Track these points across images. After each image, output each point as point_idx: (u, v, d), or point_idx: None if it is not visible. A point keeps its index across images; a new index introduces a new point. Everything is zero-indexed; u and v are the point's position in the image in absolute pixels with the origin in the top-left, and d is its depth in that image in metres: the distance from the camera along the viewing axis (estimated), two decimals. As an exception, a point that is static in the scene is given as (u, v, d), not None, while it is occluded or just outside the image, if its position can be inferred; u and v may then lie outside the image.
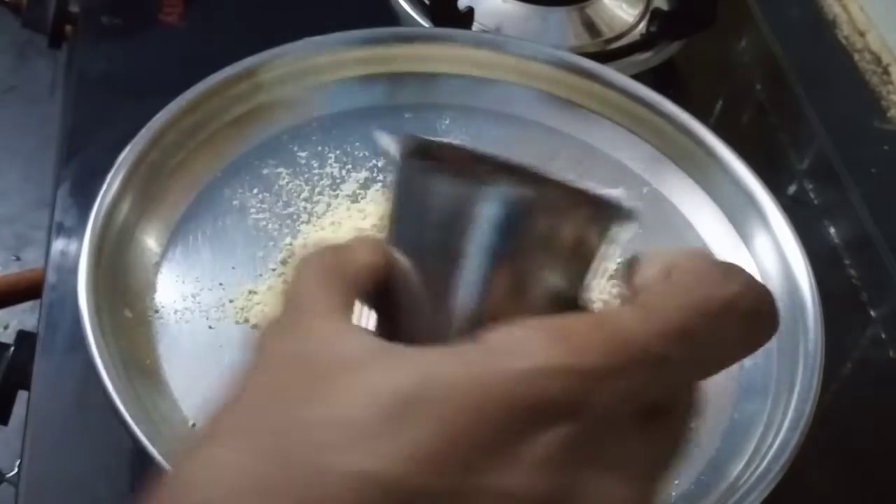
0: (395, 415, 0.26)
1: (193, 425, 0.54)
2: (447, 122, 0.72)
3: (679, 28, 0.85)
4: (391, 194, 0.34)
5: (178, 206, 0.64)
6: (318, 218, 0.65)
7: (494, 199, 0.31)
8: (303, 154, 0.69)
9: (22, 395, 0.65)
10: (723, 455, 0.56)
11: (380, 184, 0.68)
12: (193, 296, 0.60)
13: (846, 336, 0.72)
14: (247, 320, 0.59)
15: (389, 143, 0.33)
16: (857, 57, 0.93)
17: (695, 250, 0.31)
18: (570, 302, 0.32)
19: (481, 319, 0.30)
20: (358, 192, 0.67)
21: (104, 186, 0.60)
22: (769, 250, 0.64)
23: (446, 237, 0.31)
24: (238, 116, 0.68)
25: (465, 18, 0.81)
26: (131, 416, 0.51)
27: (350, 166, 0.69)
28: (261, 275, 0.62)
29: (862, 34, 0.94)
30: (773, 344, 0.60)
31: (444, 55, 0.73)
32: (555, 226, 0.32)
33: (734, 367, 0.60)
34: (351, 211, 0.66)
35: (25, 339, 0.67)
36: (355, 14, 0.80)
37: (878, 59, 0.92)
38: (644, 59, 0.84)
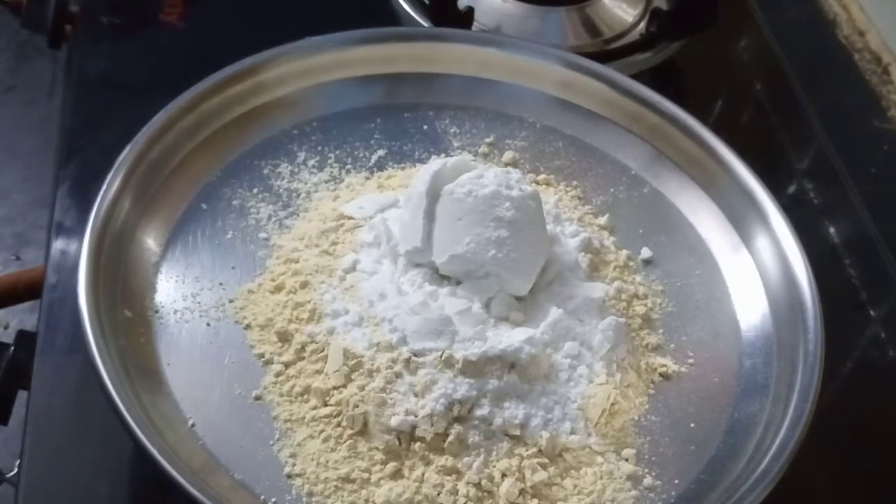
0: None
1: (193, 425, 0.54)
2: (446, 121, 0.72)
3: (679, 28, 0.85)
4: None
5: (178, 206, 0.64)
6: (319, 218, 0.65)
7: None
8: (303, 154, 0.69)
9: (22, 395, 0.65)
10: (723, 454, 0.56)
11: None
12: (193, 295, 0.60)
13: (846, 335, 0.72)
14: (245, 319, 0.59)
15: None
16: (856, 57, 0.93)
17: None
18: None
19: None
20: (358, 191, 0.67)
21: (104, 186, 0.60)
22: (769, 250, 0.64)
23: None
24: (238, 116, 0.69)
25: (465, 18, 0.81)
26: (130, 415, 0.51)
27: (350, 166, 0.69)
28: (260, 274, 0.62)
29: (862, 34, 0.94)
30: (773, 343, 0.61)
31: (444, 55, 0.73)
32: None
33: (734, 367, 0.60)
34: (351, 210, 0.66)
35: (25, 339, 0.67)
36: (355, 14, 0.80)
37: (877, 59, 0.92)
38: (644, 58, 0.84)
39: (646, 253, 0.66)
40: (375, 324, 0.57)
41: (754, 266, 0.64)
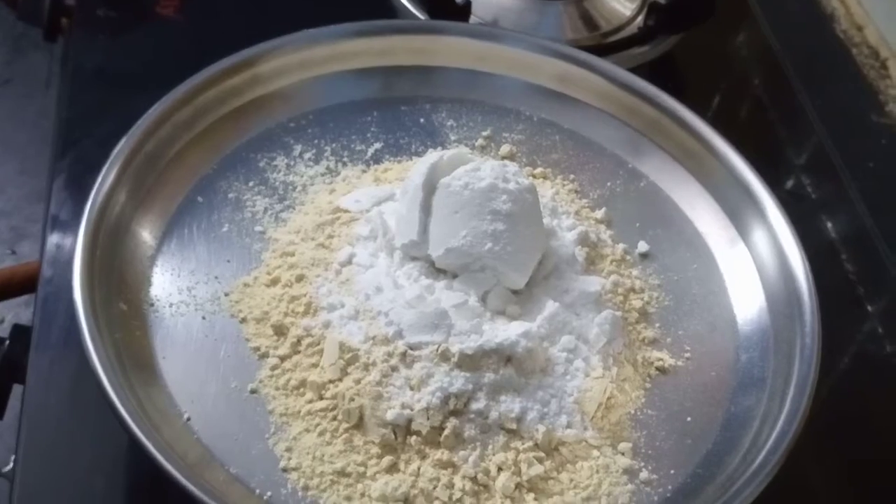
0: None
1: (188, 419, 0.54)
2: (443, 114, 0.72)
3: (676, 22, 0.85)
4: None
5: (174, 199, 0.64)
6: (315, 211, 0.65)
7: None
8: (299, 147, 0.68)
9: (17, 389, 0.65)
10: (719, 448, 0.56)
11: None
12: (188, 289, 0.60)
13: (843, 330, 0.72)
14: (241, 312, 0.59)
15: None
16: (854, 51, 0.93)
17: None
18: None
19: None
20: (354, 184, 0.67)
21: (99, 179, 0.60)
22: (766, 244, 0.64)
23: None
24: (234, 109, 0.68)
25: (462, 11, 0.81)
26: (126, 409, 0.51)
27: (346, 159, 0.68)
28: (256, 268, 0.61)
29: (860, 28, 0.94)
30: (769, 337, 0.61)
31: (441, 48, 0.73)
32: None
33: (731, 361, 0.60)
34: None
35: (20, 333, 0.67)
36: (352, 6, 0.80)
37: (875, 54, 0.92)
38: (641, 52, 0.84)
39: (643, 247, 0.66)
40: (371, 317, 0.57)
41: (751, 260, 0.64)
